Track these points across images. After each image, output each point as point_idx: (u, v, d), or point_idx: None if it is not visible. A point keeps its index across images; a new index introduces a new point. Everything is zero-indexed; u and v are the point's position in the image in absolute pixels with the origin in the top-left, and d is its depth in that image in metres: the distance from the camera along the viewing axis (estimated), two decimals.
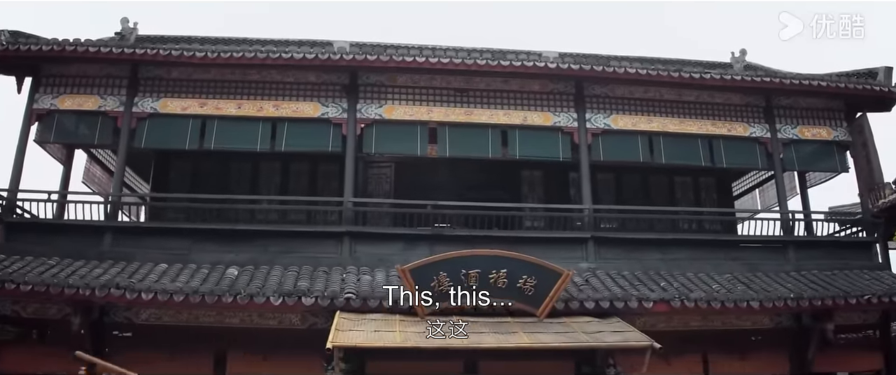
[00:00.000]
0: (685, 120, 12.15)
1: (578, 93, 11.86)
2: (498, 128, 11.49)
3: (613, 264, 10.92)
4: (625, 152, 11.79)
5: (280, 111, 11.17)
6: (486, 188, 13.85)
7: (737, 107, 12.44)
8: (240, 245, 10.40)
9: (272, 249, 10.41)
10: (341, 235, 10.50)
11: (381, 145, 11.28)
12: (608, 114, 11.90)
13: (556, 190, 13.19)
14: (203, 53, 10.72)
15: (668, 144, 11.90)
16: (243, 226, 10.58)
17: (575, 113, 11.73)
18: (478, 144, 11.33)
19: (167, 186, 12.61)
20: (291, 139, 11.03)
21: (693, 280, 10.70)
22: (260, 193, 12.54)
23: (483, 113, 11.53)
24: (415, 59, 10.97)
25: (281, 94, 11.33)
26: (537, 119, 11.60)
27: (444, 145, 11.28)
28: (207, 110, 11.13)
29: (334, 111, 11.24)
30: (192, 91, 11.30)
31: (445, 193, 13.92)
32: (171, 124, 11.10)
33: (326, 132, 11.12)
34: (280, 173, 12.72)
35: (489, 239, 10.74)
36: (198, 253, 10.27)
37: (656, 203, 13.49)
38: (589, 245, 10.97)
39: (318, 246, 10.47)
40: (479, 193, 13.98)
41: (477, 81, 11.66)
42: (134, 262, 10.03)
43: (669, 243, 11.37)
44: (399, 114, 11.37)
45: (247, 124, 11.09)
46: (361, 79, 11.48)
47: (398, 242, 10.61)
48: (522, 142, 11.40)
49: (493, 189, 13.73)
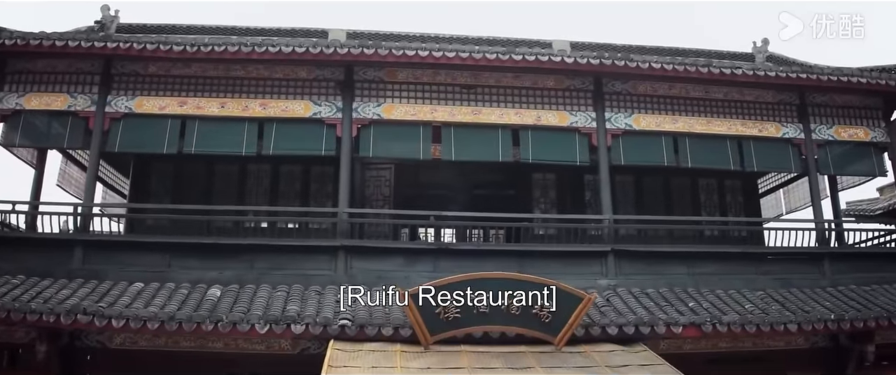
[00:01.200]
0: (712, 119, 11.08)
1: (597, 90, 10.79)
2: (508, 128, 10.43)
3: (635, 280, 9.92)
4: (647, 155, 10.74)
5: (267, 110, 10.11)
6: (494, 188, 12.91)
7: (768, 106, 11.38)
8: (223, 260, 9.39)
9: (259, 265, 9.40)
10: (336, 249, 9.48)
11: (380, 148, 10.22)
12: (629, 114, 10.83)
13: (571, 193, 12.17)
14: (181, 47, 9.62)
15: (695, 146, 10.84)
16: (227, 240, 9.55)
17: (593, 112, 10.67)
18: (486, 147, 10.28)
19: (148, 190, 11.60)
20: (280, 141, 9.98)
21: (723, 298, 9.71)
22: (248, 197, 11.55)
23: (492, 112, 10.46)
24: (416, 52, 9.87)
25: (269, 92, 10.26)
26: (552, 119, 10.53)
27: (449, 147, 10.23)
28: (187, 110, 10.06)
29: (328, 110, 10.17)
30: (170, 88, 10.22)
31: (450, 195, 13.02)
32: (147, 125, 10.04)
33: (319, 133, 10.06)
34: (269, 176, 11.69)
35: (498, 253, 9.78)
36: (177, 270, 9.28)
37: (679, 207, 12.50)
38: (609, 259, 9.96)
39: (309, 262, 9.46)
40: (486, 194, 13.12)
41: (485, 77, 10.58)
42: (106, 281, 9.04)
43: (696, 256, 10.36)
44: (399, 114, 10.31)
45: (231, 125, 10.03)
46: (358, 75, 10.40)
47: (398, 257, 9.60)
48: (535, 145, 10.34)
49: (502, 189, 12.78)
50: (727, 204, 12.85)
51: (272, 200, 11.54)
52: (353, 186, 11.34)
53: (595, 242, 10.22)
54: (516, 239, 10.15)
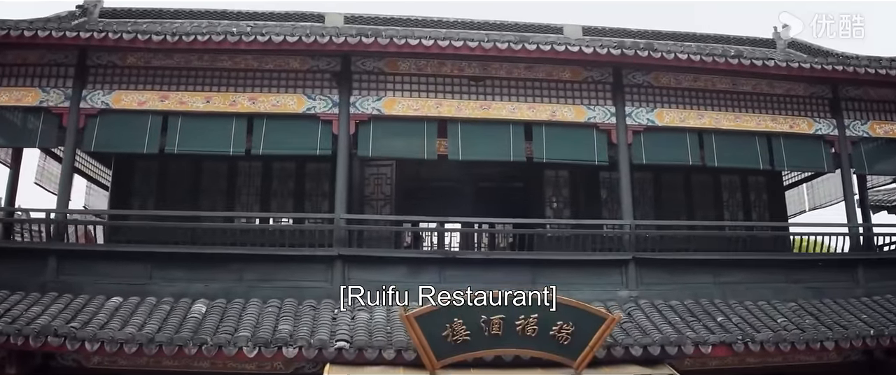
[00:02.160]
0: (741, 114, 10.21)
1: (616, 82, 9.90)
2: (520, 124, 9.55)
3: (658, 291, 9.13)
4: (671, 153, 9.88)
5: (257, 105, 9.23)
6: (501, 180, 12.09)
7: (800, 100, 10.49)
8: (210, 271, 8.59)
9: (249, 277, 8.60)
10: (332, 259, 8.68)
11: (380, 146, 9.36)
12: (651, 108, 9.96)
13: (585, 191, 11.33)
14: (161, 37, 8.71)
15: (721, 143, 9.98)
16: (214, 249, 8.73)
17: (613, 106, 9.80)
18: (496, 145, 9.41)
19: (130, 189, 10.76)
20: (271, 140, 9.12)
21: (754, 311, 8.94)
22: (238, 196, 10.72)
23: (503, 106, 9.58)
24: (420, 41, 8.96)
25: (258, 85, 9.37)
26: (568, 114, 9.66)
27: (455, 146, 9.38)
28: (169, 105, 9.19)
29: (322, 105, 9.29)
30: (150, 81, 9.33)
31: (455, 187, 12.22)
32: (125, 122, 9.18)
33: (313, 130, 9.20)
34: (261, 173, 10.83)
35: (509, 262, 8.99)
36: (159, 282, 8.49)
37: (700, 207, 11.70)
38: (629, 268, 9.15)
39: (304, 272, 8.66)
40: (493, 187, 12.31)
41: (495, 68, 9.69)
42: (82, 294, 8.26)
43: (722, 264, 9.55)
44: (401, 109, 9.43)
45: (217, 122, 9.16)
46: (356, 66, 9.51)
47: (401, 267, 8.80)
48: (550, 142, 9.48)
49: (510, 182, 11.95)
50: (751, 203, 12.03)
51: (264, 200, 10.73)
52: (351, 185, 10.47)
53: (614, 249, 9.40)
54: (529, 247, 9.33)
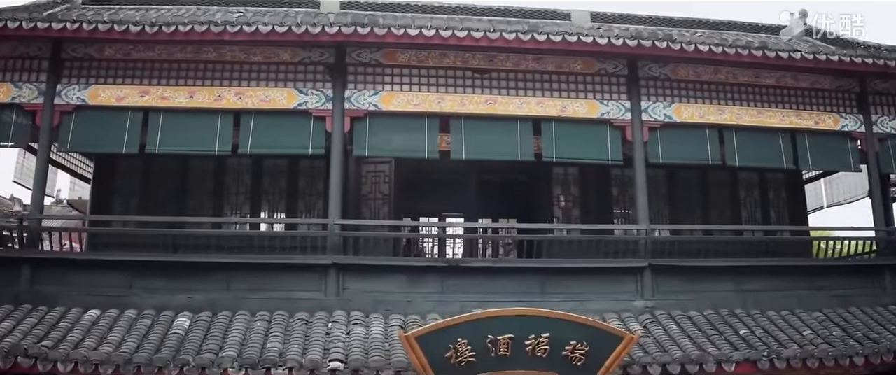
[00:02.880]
0: (764, 109, 9.54)
1: (631, 74, 9.22)
2: (529, 120, 8.87)
3: (676, 300, 8.53)
4: (689, 151, 9.22)
5: (244, 101, 8.55)
6: (505, 173, 11.44)
7: (825, 94, 9.82)
8: (194, 280, 7.99)
9: (236, 287, 8.00)
10: (326, 268, 8.06)
11: (377, 144, 8.70)
12: (669, 103, 9.28)
13: (596, 188, 10.68)
14: (140, 27, 8.00)
15: (743, 141, 9.32)
16: (198, 257, 8.10)
17: (627, 100, 9.12)
18: (503, 143, 8.75)
19: (112, 189, 10.12)
20: (260, 138, 8.45)
21: (777, 322, 8.36)
22: (227, 195, 10.09)
23: (510, 101, 8.90)
24: (421, 31, 8.25)
25: (245, 78, 8.68)
26: (579, 109, 8.98)
27: (459, 143, 8.71)
28: (150, 101, 8.52)
29: (315, 100, 8.62)
30: (130, 75, 8.66)
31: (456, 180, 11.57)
32: (103, 119, 8.51)
33: (305, 127, 8.52)
34: (251, 171, 10.18)
35: (516, 271, 8.37)
36: (140, 293, 7.89)
37: (716, 206, 11.07)
38: (645, 276, 8.54)
39: (295, 282, 8.05)
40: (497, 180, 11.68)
41: (502, 60, 9.00)
42: (57, 307, 7.68)
43: (743, 271, 8.93)
44: (400, 104, 8.75)
45: (201, 119, 8.49)
46: (351, 58, 8.81)
47: (400, 276, 8.19)
48: (561, 140, 8.81)
49: (514, 174, 11.32)
50: (770, 202, 11.39)
51: (254, 199, 10.10)
52: (346, 184, 9.87)
53: (628, 254, 8.78)
54: (538, 252, 8.71)
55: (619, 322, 7.92)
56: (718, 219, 10.97)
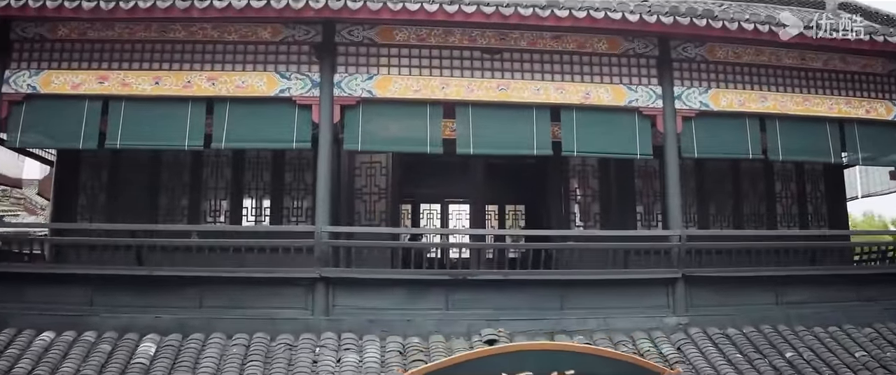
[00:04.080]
0: (810, 96, 8.38)
1: (663, 55, 8.04)
2: (546, 108, 7.73)
3: (712, 316, 7.50)
4: (727, 144, 8.09)
5: (218, 87, 7.39)
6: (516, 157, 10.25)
7: (877, 79, 8.68)
8: (163, 296, 6.96)
9: (210, 303, 6.96)
10: (313, 282, 7.01)
11: (372, 137, 7.55)
12: (705, 89, 8.11)
13: (617, 179, 9.56)
14: (95, 2, 6.80)
15: (787, 132, 8.18)
16: (167, 271, 7.03)
17: (658, 86, 7.96)
18: (517, 134, 7.62)
19: (75, 185, 9.04)
20: (236, 130, 7.32)
21: (826, 341, 7.35)
22: (204, 190, 9.03)
23: (525, 86, 7.73)
24: (422, 5, 7.04)
25: (219, 61, 7.50)
26: (604, 95, 7.82)
27: (466, 136, 7.58)
28: (110, 88, 7.36)
29: (299, 85, 7.46)
30: (87, 58, 7.48)
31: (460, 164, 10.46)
32: (57, 109, 7.37)
33: (288, 117, 7.38)
34: (231, 163, 9.10)
35: (531, 284, 7.29)
36: (101, 312, 6.86)
37: (750, 201, 10.00)
38: (678, 288, 7.50)
39: (278, 298, 7.01)
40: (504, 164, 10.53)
41: (515, 38, 7.81)
42: (8, 328, 6.66)
43: (784, 281, 7.87)
44: (398, 90, 7.59)
45: (168, 108, 7.35)
46: (341, 36, 7.63)
47: (398, 290, 7.14)
48: (583, 131, 7.67)
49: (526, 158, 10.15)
50: (807, 195, 10.30)
51: (235, 195, 9.04)
52: (338, 178, 8.80)
53: (659, 264, 7.71)
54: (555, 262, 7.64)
55: (650, 343, 6.92)
56: (752, 216, 9.93)
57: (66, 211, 8.97)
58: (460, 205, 14.25)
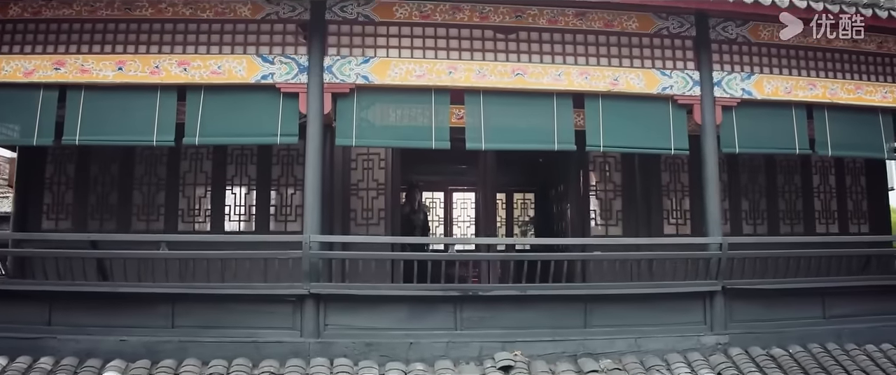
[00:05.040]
0: (862, 83, 7.39)
1: (701, 35, 7.04)
2: (568, 96, 6.76)
3: (754, 334, 6.62)
4: (772, 137, 7.13)
5: (190, 73, 6.40)
6: None
7: None
8: (130, 314, 6.06)
9: (184, 323, 6.06)
10: (301, 299, 6.12)
11: (369, 129, 6.60)
12: (748, 74, 7.13)
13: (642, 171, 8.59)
14: None
15: (837, 123, 7.22)
16: (133, 287, 6.13)
17: (696, 71, 6.98)
18: (535, 126, 6.64)
19: (41, 182, 8.09)
20: (212, 122, 6.36)
21: (882, 363, 6.48)
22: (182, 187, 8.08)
23: (544, 71, 6.73)
24: None
25: (192, 43, 6.50)
26: (635, 81, 6.84)
27: (476, 128, 6.61)
28: (68, 75, 6.35)
29: (284, 70, 6.46)
30: (42, 41, 6.47)
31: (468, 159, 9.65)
32: (7, 100, 6.37)
33: (272, 107, 6.40)
34: (212, 156, 8.14)
35: (551, 299, 6.39)
36: (60, 334, 5.94)
37: (786, 197, 9.09)
38: (716, 302, 6.61)
39: (261, 317, 6.10)
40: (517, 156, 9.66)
41: (533, 15, 6.79)
42: None
43: (831, 292, 6.99)
44: (398, 75, 6.59)
45: (134, 98, 6.37)
46: (332, 13, 6.61)
47: (400, 307, 6.23)
48: (610, 122, 6.71)
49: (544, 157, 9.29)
50: (847, 190, 9.38)
51: (216, 192, 8.09)
52: (331, 173, 7.89)
53: (696, 274, 6.79)
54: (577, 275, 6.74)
55: (688, 369, 6.05)
56: (789, 214, 9.02)
57: (30, 212, 8.04)
58: (465, 193, 13.46)
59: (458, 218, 13.42)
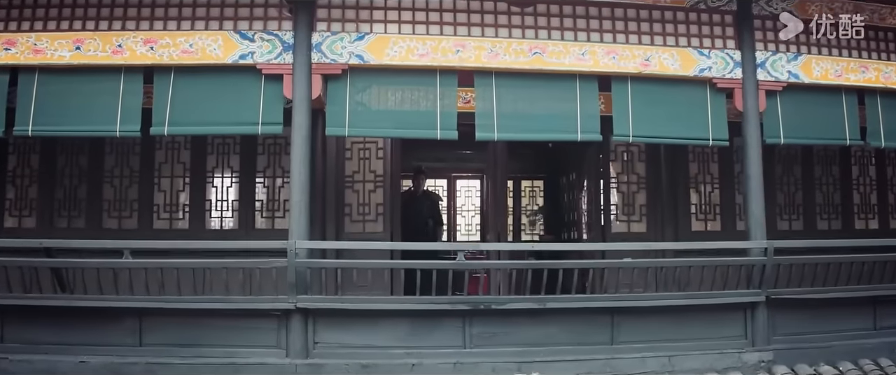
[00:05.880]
0: None
1: (743, 10, 6.17)
2: (593, 78, 5.92)
3: (800, 349, 5.84)
4: (821, 126, 6.28)
5: (158, 53, 5.53)
6: None
7: None
8: (92, 331, 5.28)
9: (153, 341, 5.29)
10: (287, 314, 5.34)
11: (364, 117, 5.75)
12: (795, 54, 6.28)
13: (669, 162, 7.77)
14: None
15: (892, 112, 6.40)
16: (94, 301, 5.33)
17: (737, 50, 6.13)
18: (555, 113, 5.82)
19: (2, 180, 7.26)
20: (183, 110, 5.50)
21: None
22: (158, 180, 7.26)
23: (565, 50, 5.86)
24: None
25: (160, 17, 5.62)
26: (669, 62, 5.97)
27: (488, 114, 5.77)
28: (19, 56, 5.47)
29: (266, 49, 5.59)
30: None
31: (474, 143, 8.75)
32: None
33: (251, 92, 5.55)
34: (190, 145, 7.31)
35: (572, 313, 5.60)
36: (13, 354, 5.18)
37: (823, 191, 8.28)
38: (758, 314, 5.83)
39: (241, 334, 5.32)
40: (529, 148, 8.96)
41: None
42: None
43: (883, 302, 6.21)
44: (398, 54, 5.73)
45: (94, 82, 5.52)
46: None
47: (400, 322, 5.45)
48: (641, 109, 5.87)
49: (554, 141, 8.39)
50: (887, 181, 8.57)
51: (195, 185, 7.27)
52: (323, 165, 7.10)
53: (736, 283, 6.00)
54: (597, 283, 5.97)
55: None
56: (827, 208, 8.23)
57: None
58: (469, 181, 12.68)
59: (462, 207, 12.65)
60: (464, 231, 12.58)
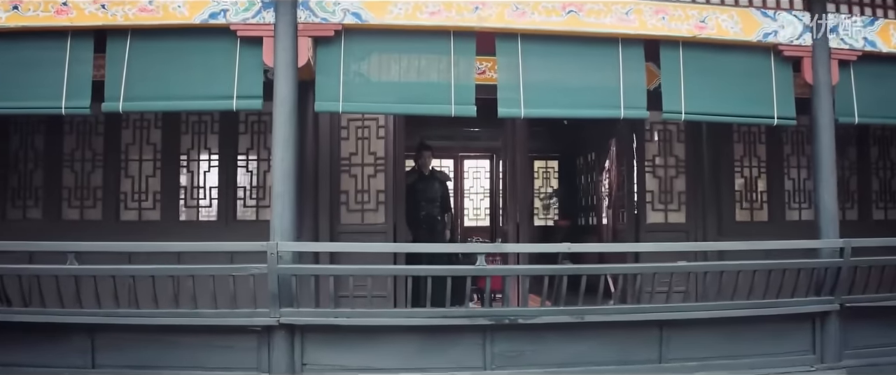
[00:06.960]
0: None
1: None
2: (638, 43, 4.94)
3: (877, 366, 4.99)
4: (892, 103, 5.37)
5: (111, 11, 4.52)
6: None
7: None
8: (36, 349, 4.40)
9: (108, 362, 4.38)
10: (269, 331, 4.42)
11: (361, 89, 4.79)
12: (870, 19, 5.28)
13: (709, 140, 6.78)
14: None
15: None
16: (32, 317, 4.41)
17: (805, 12, 5.14)
18: (593, 85, 4.87)
19: None
20: (142, 82, 4.55)
21: None
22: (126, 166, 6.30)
23: (606, 7, 4.85)
24: None
25: None
26: (727, 24, 4.98)
27: (512, 87, 4.82)
28: None
29: (242, 5, 4.59)
30: None
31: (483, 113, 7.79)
32: None
33: (225, 58, 4.58)
34: (161, 127, 6.32)
35: (613, 327, 4.69)
36: None
37: (879, 177, 7.33)
38: (829, 325, 4.93)
39: (213, 353, 4.42)
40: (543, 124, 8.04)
41: None
42: None
43: None
44: (403, 11, 4.74)
45: (35, 49, 4.55)
46: None
47: (409, 339, 4.54)
48: (693, 78, 4.92)
49: None
50: None
51: (167, 171, 6.30)
52: (315, 146, 6.14)
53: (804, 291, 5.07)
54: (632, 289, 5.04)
55: None
56: (884, 198, 7.29)
57: None
58: (478, 161, 11.74)
59: (469, 190, 11.69)
60: (472, 215, 11.65)
